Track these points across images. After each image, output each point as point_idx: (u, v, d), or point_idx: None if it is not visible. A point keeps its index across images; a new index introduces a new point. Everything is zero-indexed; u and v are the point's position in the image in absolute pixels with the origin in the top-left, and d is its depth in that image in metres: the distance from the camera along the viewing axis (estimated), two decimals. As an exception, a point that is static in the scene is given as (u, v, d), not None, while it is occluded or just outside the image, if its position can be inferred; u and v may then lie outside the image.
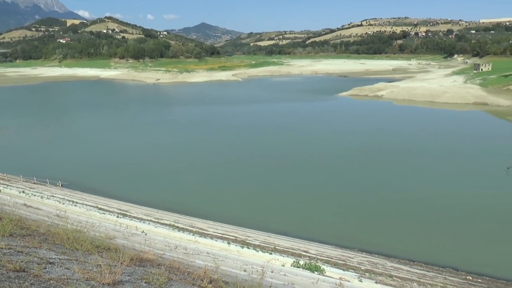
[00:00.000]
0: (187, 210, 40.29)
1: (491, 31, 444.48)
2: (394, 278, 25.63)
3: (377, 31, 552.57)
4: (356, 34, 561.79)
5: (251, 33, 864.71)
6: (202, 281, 8.28)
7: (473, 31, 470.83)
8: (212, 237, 30.84)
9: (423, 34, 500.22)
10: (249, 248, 27.78)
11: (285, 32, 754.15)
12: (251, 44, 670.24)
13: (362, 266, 28.00)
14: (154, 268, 8.78)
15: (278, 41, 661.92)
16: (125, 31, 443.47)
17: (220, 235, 32.22)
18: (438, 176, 51.94)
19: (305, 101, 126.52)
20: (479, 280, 28.29)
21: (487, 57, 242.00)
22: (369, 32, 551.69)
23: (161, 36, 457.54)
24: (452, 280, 27.63)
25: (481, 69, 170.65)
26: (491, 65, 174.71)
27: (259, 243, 30.90)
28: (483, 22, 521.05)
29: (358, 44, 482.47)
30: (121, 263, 8.24)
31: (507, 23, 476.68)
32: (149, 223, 32.71)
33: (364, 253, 32.31)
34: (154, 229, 29.88)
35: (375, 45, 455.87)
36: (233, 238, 31.61)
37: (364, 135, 76.01)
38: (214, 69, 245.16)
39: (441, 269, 30.14)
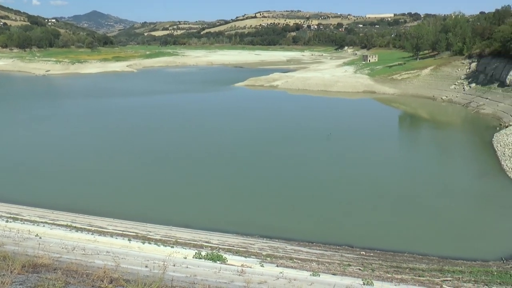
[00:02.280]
0: (85, 208, 38.19)
1: (376, 26, 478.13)
2: (295, 260, 26.66)
3: (271, 23, 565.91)
4: (251, 25, 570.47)
5: (145, 22, 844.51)
6: (102, 281, 7.99)
7: (361, 25, 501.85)
8: (112, 235, 29.80)
9: (315, 27, 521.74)
10: (151, 243, 27.33)
11: (179, 22, 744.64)
12: (145, 34, 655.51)
13: (263, 252, 28.75)
14: (49, 273, 8.27)
15: (172, 31, 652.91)
16: (7, 17, 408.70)
17: (121, 232, 31.22)
18: (332, 158, 54.89)
19: (202, 92, 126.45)
20: (371, 254, 30.54)
21: (373, 49, 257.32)
22: (263, 24, 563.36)
23: (49, 24, 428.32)
24: (348, 257, 29.47)
25: (369, 60, 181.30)
26: (377, 57, 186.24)
27: (160, 237, 30.50)
28: (369, 17, 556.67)
29: (252, 36, 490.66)
30: (11, 272, 7.64)
31: (389, 19, 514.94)
32: (43, 225, 30.70)
33: (265, 238, 33.09)
34: (50, 231, 28.12)
35: (270, 36, 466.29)
36: (134, 234, 30.84)
37: (259, 123, 77.64)
38: (108, 59, 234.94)
39: (337, 247, 31.90)
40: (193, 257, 20.11)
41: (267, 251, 29.01)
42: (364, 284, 16.01)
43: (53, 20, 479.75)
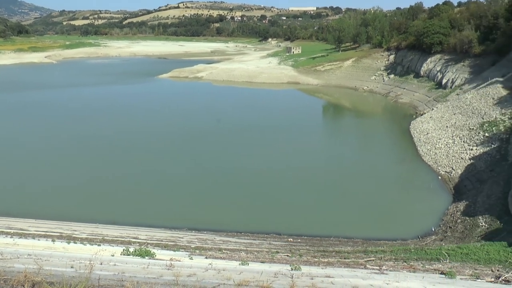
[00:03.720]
0: (4, 210, 35.77)
1: (299, 18, 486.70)
2: (223, 251, 26.84)
3: (195, 13, 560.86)
4: (174, 16, 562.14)
5: (64, 11, 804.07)
6: (23, 286, 7.55)
7: (284, 18, 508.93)
8: (34, 236, 28.27)
9: (239, 18, 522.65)
10: (76, 243, 26.45)
11: (100, 11, 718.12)
12: (64, 23, 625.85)
13: (192, 244, 28.72)
14: (-40, 282, 7.62)
15: (93, 20, 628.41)
16: None
17: (44, 233, 29.71)
18: (258, 147, 55.64)
19: (126, 84, 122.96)
20: (299, 240, 31.61)
21: (297, 41, 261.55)
22: (187, 15, 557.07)
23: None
24: (276, 244, 30.23)
25: (293, 52, 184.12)
26: (300, 48, 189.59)
27: (86, 236, 29.51)
28: (292, 10, 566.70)
29: (176, 26, 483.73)
30: None
31: (312, 12, 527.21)
32: (-47, 232, 28.41)
33: (194, 231, 33.10)
34: (-38, 238, 26.07)
35: (193, 27, 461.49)
36: (58, 234, 29.53)
37: (184, 116, 76.66)
38: (23, 50, 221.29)
39: (266, 235, 32.67)
40: (121, 254, 19.69)
41: (196, 244, 29.00)
42: (292, 269, 16.27)
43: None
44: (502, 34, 78.27)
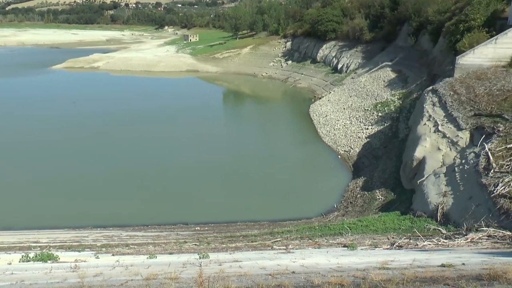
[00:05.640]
0: None
1: (195, 6, 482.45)
2: (131, 246, 26.28)
3: (87, 0, 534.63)
4: (64, 2, 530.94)
5: None
6: None
7: (180, 5, 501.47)
8: None
9: (134, 5, 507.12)
10: (-36, 255, 23.89)
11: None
12: None
13: (98, 243, 27.66)
14: None
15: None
16: None
17: None
18: (157, 139, 54.48)
19: (14, 77, 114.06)
20: (206, 228, 31.75)
21: (194, 29, 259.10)
22: (78, 1, 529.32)
23: None
24: (183, 234, 30.10)
25: (190, 40, 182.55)
26: (198, 36, 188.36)
27: (-23, 246, 26.84)
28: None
29: (67, 13, 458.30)
30: None
31: (208, 0, 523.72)
32: None
33: (99, 228, 31.87)
34: None
35: (86, 14, 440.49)
36: None
37: (81, 108, 72.82)
38: None
39: (173, 226, 32.50)
40: (19, 261, 18.40)
41: (102, 242, 28.01)
42: (200, 258, 16.26)
43: None
44: (388, 23, 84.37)
